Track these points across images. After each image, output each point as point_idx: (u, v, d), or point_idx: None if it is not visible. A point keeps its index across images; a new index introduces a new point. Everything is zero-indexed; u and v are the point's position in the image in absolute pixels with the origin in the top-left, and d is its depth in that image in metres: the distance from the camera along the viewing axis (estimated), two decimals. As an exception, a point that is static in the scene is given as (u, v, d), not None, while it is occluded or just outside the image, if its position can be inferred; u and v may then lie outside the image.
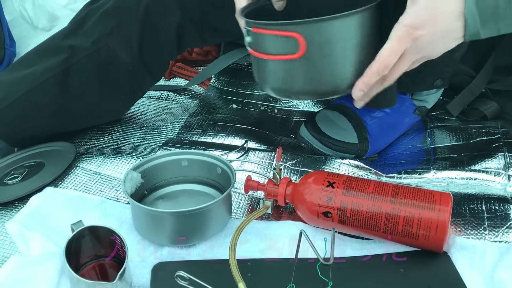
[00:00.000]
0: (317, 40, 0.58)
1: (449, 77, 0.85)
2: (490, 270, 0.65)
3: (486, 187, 0.79)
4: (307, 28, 0.57)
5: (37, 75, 0.90)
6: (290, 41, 0.58)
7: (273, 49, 0.61)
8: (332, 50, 0.59)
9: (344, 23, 0.58)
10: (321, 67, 0.60)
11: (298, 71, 0.61)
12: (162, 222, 0.70)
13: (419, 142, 0.93)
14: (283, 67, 0.62)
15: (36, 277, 0.63)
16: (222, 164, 0.79)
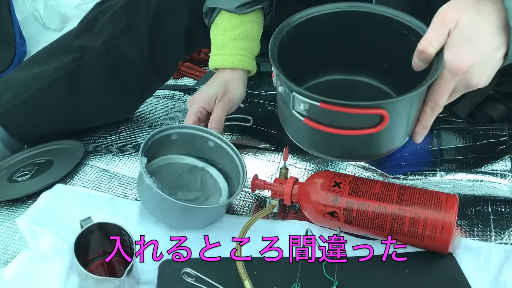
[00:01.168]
0: (398, 113, 0.58)
1: None
2: (495, 272, 0.65)
3: (492, 189, 0.79)
4: (394, 105, 0.57)
5: (47, 74, 0.91)
6: (372, 117, 0.56)
7: (348, 125, 0.58)
8: (406, 117, 0.60)
9: (418, 94, 0.58)
10: (395, 134, 0.61)
11: (376, 141, 0.61)
12: (177, 210, 0.72)
13: (426, 143, 0.93)
14: (357, 139, 0.60)
15: (45, 272, 0.64)
16: (214, 137, 0.80)
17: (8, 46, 1.28)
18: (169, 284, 0.65)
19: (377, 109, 0.55)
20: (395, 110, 0.57)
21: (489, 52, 0.56)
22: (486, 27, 0.56)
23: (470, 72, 0.56)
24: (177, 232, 0.75)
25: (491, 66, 0.57)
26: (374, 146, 0.62)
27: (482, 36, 0.56)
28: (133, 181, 0.87)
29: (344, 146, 0.62)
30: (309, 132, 0.62)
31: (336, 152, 0.64)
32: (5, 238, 0.75)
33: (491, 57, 0.56)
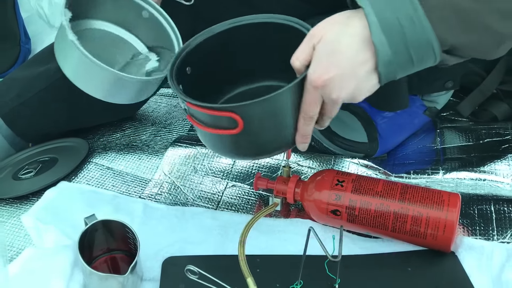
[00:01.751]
0: (255, 117, 0.58)
1: (459, 78, 0.86)
2: (497, 271, 0.65)
3: (495, 188, 0.79)
4: (244, 109, 0.57)
5: (52, 73, 0.92)
6: (227, 119, 0.58)
7: (211, 123, 0.61)
8: (271, 121, 0.60)
9: (280, 98, 0.58)
10: (261, 137, 0.61)
11: (239, 142, 0.62)
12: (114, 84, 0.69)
13: (429, 142, 0.93)
14: (222, 138, 0.62)
15: (50, 268, 0.65)
16: (150, 7, 0.73)
17: (13, 44, 1.28)
18: (173, 281, 0.65)
19: (228, 112, 0.57)
20: (249, 114, 0.58)
21: (350, 67, 0.55)
22: (348, 41, 0.55)
23: (328, 86, 0.56)
24: (180, 230, 0.75)
25: (353, 81, 0.56)
26: (250, 147, 0.63)
27: (343, 50, 0.55)
28: (137, 179, 0.87)
29: (219, 144, 0.64)
30: (197, 130, 0.66)
31: (217, 149, 0.66)
32: (10, 235, 0.76)
33: (352, 72, 0.55)
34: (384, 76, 0.56)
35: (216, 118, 0.59)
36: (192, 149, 0.91)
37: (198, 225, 0.76)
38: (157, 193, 0.84)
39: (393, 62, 0.55)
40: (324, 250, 0.59)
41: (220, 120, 0.59)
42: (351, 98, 0.58)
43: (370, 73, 0.56)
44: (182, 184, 0.85)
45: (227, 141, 0.62)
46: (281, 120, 0.60)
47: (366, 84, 0.57)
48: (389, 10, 0.53)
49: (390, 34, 0.54)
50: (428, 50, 0.54)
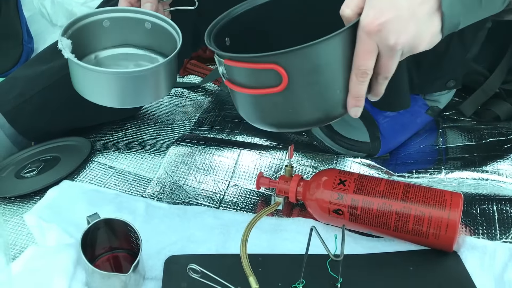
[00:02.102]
0: (301, 70, 0.52)
1: (461, 78, 0.85)
2: (500, 271, 0.65)
3: (497, 188, 0.79)
4: (288, 58, 0.51)
5: (54, 71, 0.92)
6: (270, 74, 0.52)
7: (251, 83, 0.54)
8: (318, 77, 0.53)
9: (328, 47, 0.52)
10: (309, 97, 0.55)
11: (284, 104, 0.55)
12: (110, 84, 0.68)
13: (431, 142, 0.93)
14: (265, 100, 0.56)
15: (52, 267, 0.65)
16: (151, 17, 0.72)
17: (15, 43, 1.29)
18: (175, 280, 0.65)
19: (271, 64, 0.51)
20: (295, 66, 0.51)
21: (408, 6, 0.50)
22: None
23: (385, 30, 0.50)
24: (182, 229, 0.75)
25: (413, 23, 0.50)
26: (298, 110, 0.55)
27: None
28: (140, 178, 0.87)
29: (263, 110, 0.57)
30: (233, 96, 0.60)
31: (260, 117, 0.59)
32: (13, 233, 0.76)
33: (411, 12, 0.50)
34: (448, 20, 0.51)
35: (257, 73, 0.53)
36: (194, 148, 0.91)
37: (200, 224, 0.76)
38: (159, 192, 0.84)
39: (459, 1, 0.50)
40: (326, 249, 0.59)
41: (261, 76, 0.53)
42: (411, 45, 0.52)
43: (432, 15, 0.50)
44: (184, 183, 0.86)
45: (268, 103, 0.55)
46: (331, 76, 0.53)
47: (428, 28, 0.51)
48: None
49: None
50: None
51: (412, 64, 0.80)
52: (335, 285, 0.64)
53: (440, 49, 0.76)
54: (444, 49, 0.77)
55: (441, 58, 0.79)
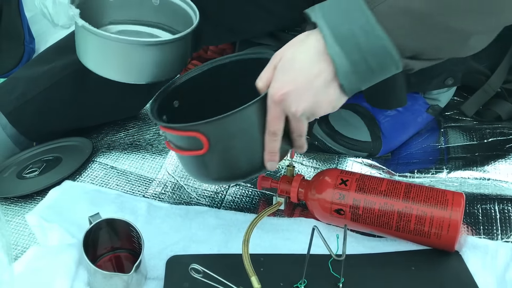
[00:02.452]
0: (220, 136, 0.60)
1: (460, 76, 0.85)
2: (502, 270, 0.65)
3: (499, 188, 0.79)
4: (207, 128, 0.59)
5: (56, 71, 0.92)
6: (194, 140, 0.60)
7: (182, 146, 0.63)
8: (236, 141, 0.61)
9: (242, 116, 0.59)
10: (229, 158, 0.63)
11: (208, 164, 0.63)
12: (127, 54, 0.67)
13: (433, 141, 0.93)
14: (195, 160, 0.64)
15: (54, 267, 0.65)
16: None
17: (17, 43, 1.29)
18: (177, 280, 0.65)
19: (192, 131, 0.60)
20: (213, 133, 0.60)
21: (305, 80, 0.57)
22: (303, 56, 0.57)
23: (287, 100, 0.57)
24: (184, 229, 0.75)
25: (310, 93, 0.57)
26: (221, 168, 0.64)
27: (298, 66, 0.57)
28: (141, 178, 0.87)
29: (194, 167, 0.66)
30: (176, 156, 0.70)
31: (192, 173, 0.68)
32: (15, 233, 0.76)
33: (308, 84, 0.57)
34: (348, 88, 0.57)
35: (183, 139, 0.62)
36: (196, 148, 0.91)
37: (202, 224, 0.76)
38: (161, 192, 0.84)
39: (353, 72, 0.56)
40: (328, 249, 0.59)
41: (188, 141, 0.62)
42: (311, 111, 0.59)
43: (328, 85, 0.57)
44: (185, 183, 0.86)
45: (197, 163, 0.64)
46: (246, 139, 0.61)
47: (325, 97, 0.58)
48: (342, 22, 0.55)
49: (345, 45, 0.55)
50: (386, 58, 0.55)
51: None
52: (337, 285, 0.64)
53: None
54: None
55: None
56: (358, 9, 0.54)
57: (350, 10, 0.54)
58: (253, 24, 1.01)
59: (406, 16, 0.53)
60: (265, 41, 1.11)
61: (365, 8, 0.54)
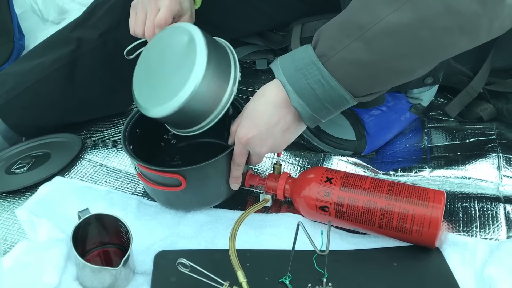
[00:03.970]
0: (196, 177, 0.71)
1: (440, 75, 0.88)
2: (480, 266, 0.67)
3: (479, 187, 0.81)
4: (187, 172, 0.70)
5: (45, 66, 0.92)
6: (173, 179, 0.70)
7: (159, 182, 0.73)
8: (208, 181, 0.73)
9: (216, 163, 0.71)
10: (202, 192, 0.75)
11: (183, 197, 0.75)
12: None
13: (417, 141, 0.95)
14: (169, 194, 0.74)
15: (43, 261, 0.66)
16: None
17: (6, 40, 1.28)
18: (164, 274, 0.66)
19: (175, 174, 0.69)
20: (191, 175, 0.70)
21: (265, 128, 0.67)
22: (263, 108, 0.67)
23: (251, 143, 0.68)
24: (172, 225, 0.76)
25: (270, 138, 0.68)
26: (193, 200, 0.76)
27: (258, 116, 0.67)
28: (130, 176, 0.88)
29: (166, 198, 0.77)
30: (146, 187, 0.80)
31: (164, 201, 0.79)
32: (4, 228, 0.77)
33: (268, 131, 0.67)
34: (312, 125, 0.67)
35: (164, 178, 0.71)
36: (185, 145, 0.92)
37: (190, 221, 0.77)
38: (150, 188, 0.85)
39: (315, 116, 0.65)
40: (313, 244, 0.61)
41: (167, 180, 0.71)
42: (272, 150, 0.70)
43: (285, 131, 0.68)
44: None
45: (173, 196, 0.74)
46: (217, 177, 0.74)
47: (283, 139, 0.69)
48: (300, 78, 0.63)
49: (305, 97, 0.64)
50: (342, 101, 0.64)
51: None
52: (321, 279, 0.66)
53: None
54: None
55: None
56: (312, 64, 0.62)
57: (306, 66, 0.62)
58: (242, 23, 1.02)
59: (354, 66, 0.61)
60: (253, 40, 1.12)
61: (319, 63, 0.62)
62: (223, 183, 0.75)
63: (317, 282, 0.65)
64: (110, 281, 0.64)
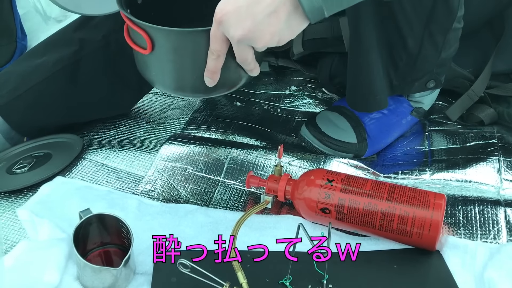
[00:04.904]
0: (162, 45, 0.64)
1: (442, 79, 0.88)
2: (480, 269, 0.67)
3: (480, 190, 0.81)
4: (152, 31, 0.63)
5: (48, 66, 0.93)
6: (141, 37, 0.64)
7: (134, 40, 0.67)
8: (177, 57, 0.65)
9: (188, 36, 0.62)
10: (170, 69, 0.67)
11: (150, 64, 0.68)
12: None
13: (418, 144, 0.96)
14: (140, 58, 0.69)
15: (44, 260, 0.66)
16: None
17: (9, 40, 1.29)
18: (165, 275, 0.66)
19: (140, 28, 0.63)
20: (158, 40, 0.63)
21: (246, 4, 0.55)
22: None
23: (225, 21, 0.57)
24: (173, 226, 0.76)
25: (250, 19, 0.55)
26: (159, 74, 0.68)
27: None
28: (131, 175, 0.88)
29: (139, 62, 0.70)
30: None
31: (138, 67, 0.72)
32: (5, 228, 0.77)
33: (249, 10, 0.55)
34: (313, 18, 0.55)
35: (135, 33, 0.65)
36: (186, 147, 0.92)
37: (190, 221, 0.77)
38: (151, 189, 0.85)
39: (320, 3, 0.53)
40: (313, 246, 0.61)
41: (137, 37, 0.65)
42: (250, 39, 0.57)
43: (269, 14, 0.55)
44: (175, 181, 0.87)
45: (142, 62, 0.69)
46: (191, 59, 0.64)
47: (266, 27, 0.56)
48: None
49: None
50: None
51: (390, 66, 0.83)
52: (321, 281, 0.66)
53: (414, 50, 0.80)
54: (417, 50, 0.81)
55: (415, 59, 0.82)
56: None
57: None
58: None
59: None
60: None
61: None
62: (195, 69, 0.65)
63: (317, 284, 0.65)
64: (110, 281, 0.64)
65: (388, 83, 0.84)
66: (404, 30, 0.78)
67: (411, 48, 0.80)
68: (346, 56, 0.86)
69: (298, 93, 1.13)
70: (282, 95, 1.14)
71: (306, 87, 1.14)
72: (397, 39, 0.79)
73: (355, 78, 0.85)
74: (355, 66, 0.83)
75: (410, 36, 0.79)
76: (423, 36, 0.79)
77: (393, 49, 0.81)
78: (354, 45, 0.81)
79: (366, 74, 0.83)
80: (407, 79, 0.85)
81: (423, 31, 0.78)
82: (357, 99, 0.88)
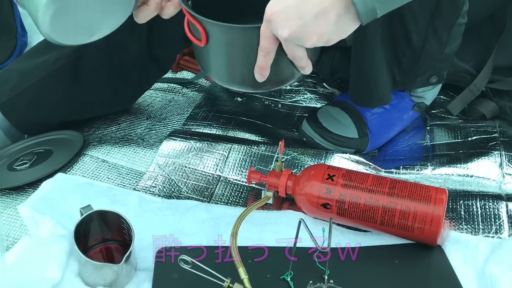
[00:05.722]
0: (215, 38, 0.65)
1: (445, 74, 0.87)
2: (482, 264, 0.67)
3: (481, 185, 0.81)
4: (207, 26, 0.65)
5: (49, 64, 0.93)
6: (197, 30, 0.65)
7: (193, 33, 0.68)
8: (230, 50, 0.66)
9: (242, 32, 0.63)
10: (220, 61, 0.68)
11: (205, 55, 0.69)
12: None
13: (419, 139, 0.95)
14: (197, 50, 0.71)
15: (45, 257, 0.66)
16: None
17: (9, 36, 1.29)
18: (166, 271, 0.66)
19: (196, 21, 0.65)
20: (212, 33, 0.65)
21: (295, 4, 0.55)
22: None
23: (273, 20, 0.57)
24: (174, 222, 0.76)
25: (297, 18, 0.55)
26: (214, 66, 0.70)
27: None
28: (132, 172, 0.88)
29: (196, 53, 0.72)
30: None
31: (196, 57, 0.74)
32: (6, 225, 0.77)
33: (298, 10, 0.55)
34: (365, 18, 0.54)
35: (192, 25, 0.66)
36: (186, 143, 0.92)
37: (191, 217, 0.77)
38: (152, 185, 0.85)
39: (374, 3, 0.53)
40: (314, 242, 0.61)
41: (195, 29, 0.66)
42: (298, 39, 0.57)
43: (320, 14, 0.55)
44: (176, 177, 0.87)
45: (199, 54, 0.71)
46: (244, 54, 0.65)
47: (314, 27, 0.56)
48: None
49: None
50: None
51: (393, 61, 0.83)
52: (322, 277, 0.65)
53: (417, 46, 0.79)
54: (420, 46, 0.80)
55: (419, 54, 0.82)
56: None
57: None
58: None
59: None
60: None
61: None
62: (245, 64, 0.65)
63: (318, 279, 0.65)
64: (112, 278, 0.64)
65: (391, 78, 0.84)
66: (409, 25, 0.78)
67: (415, 44, 0.80)
68: (347, 51, 0.86)
69: (299, 88, 1.13)
70: (283, 90, 1.13)
71: (307, 82, 1.14)
72: (402, 34, 0.79)
73: (358, 74, 0.85)
74: (359, 61, 0.83)
75: (414, 31, 0.78)
76: (427, 31, 0.78)
77: (397, 44, 0.80)
78: (359, 40, 0.81)
79: (370, 70, 0.82)
80: (410, 74, 0.84)
81: (427, 26, 0.78)
82: (361, 94, 0.88)
